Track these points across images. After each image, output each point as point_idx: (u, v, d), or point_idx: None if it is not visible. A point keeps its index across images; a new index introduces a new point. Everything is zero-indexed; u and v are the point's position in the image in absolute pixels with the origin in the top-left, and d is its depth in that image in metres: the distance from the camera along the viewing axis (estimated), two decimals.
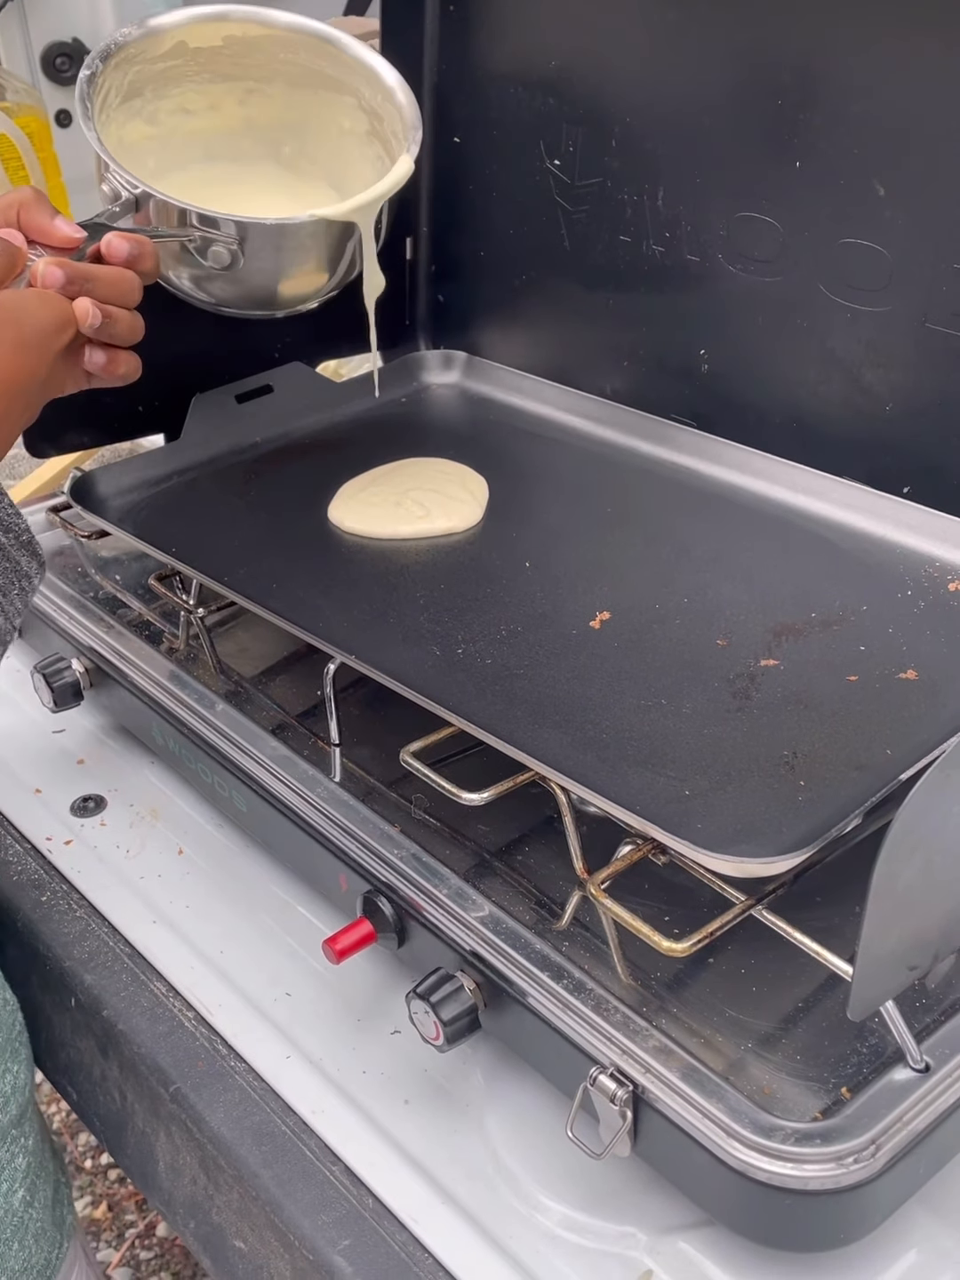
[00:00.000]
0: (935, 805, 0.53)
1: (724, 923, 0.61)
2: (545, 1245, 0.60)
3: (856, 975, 0.54)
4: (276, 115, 0.94)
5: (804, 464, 0.92)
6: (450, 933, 0.66)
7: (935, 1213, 0.60)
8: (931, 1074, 0.57)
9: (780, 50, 0.87)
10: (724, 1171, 0.55)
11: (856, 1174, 0.54)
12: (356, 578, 0.85)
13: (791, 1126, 0.56)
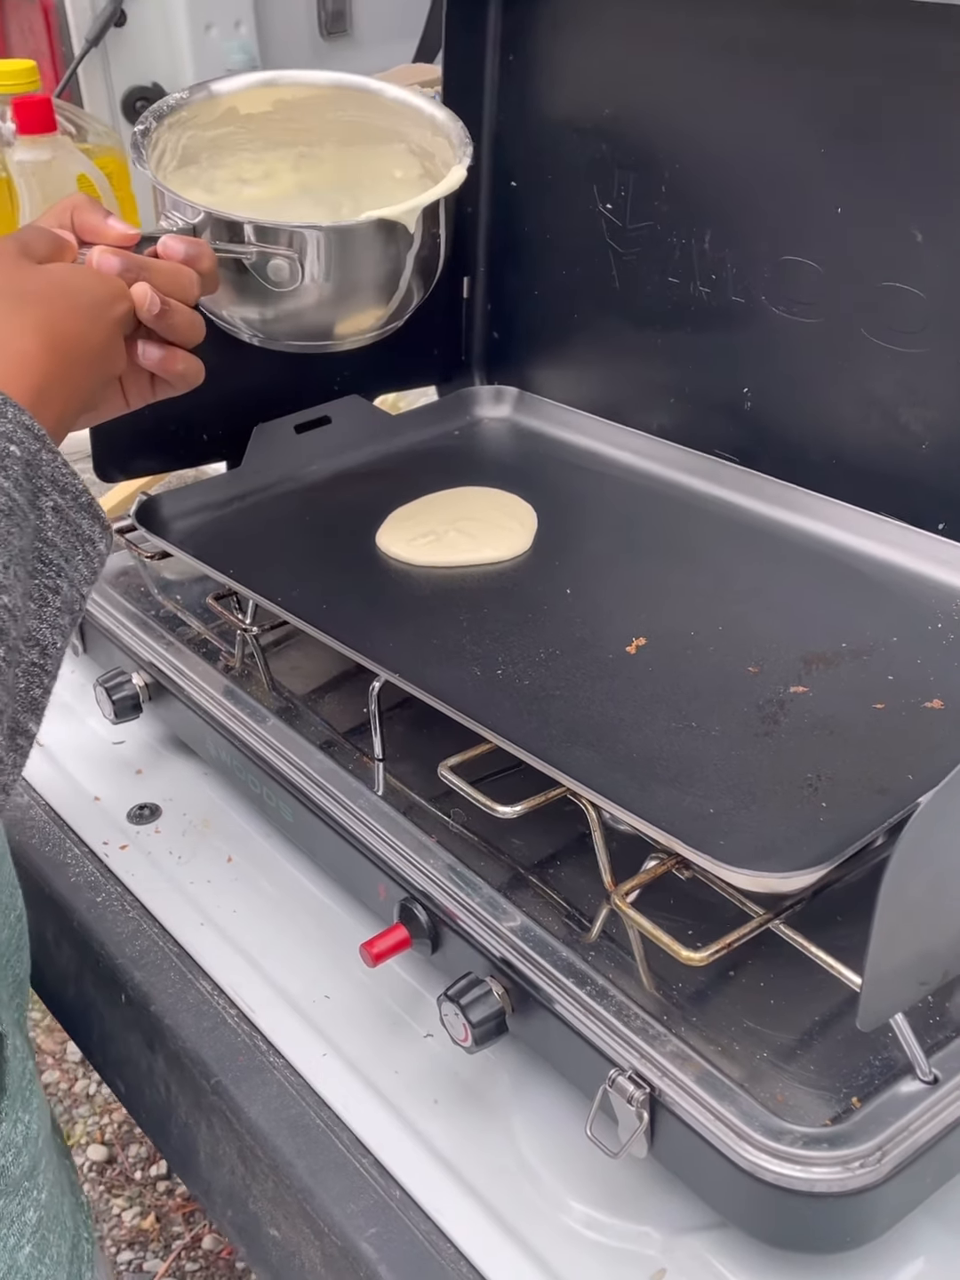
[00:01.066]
0: (943, 823, 0.55)
1: (741, 935, 0.63)
2: (563, 1241, 0.62)
3: (865, 986, 0.56)
4: (330, 177, 0.96)
5: (842, 499, 0.95)
6: (482, 940, 0.69)
7: (943, 1223, 0.62)
8: (940, 1086, 0.59)
9: (824, 102, 0.90)
10: (735, 1173, 0.57)
11: (862, 1178, 0.56)
12: (403, 601, 0.89)
13: (800, 1131, 0.58)
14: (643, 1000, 0.65)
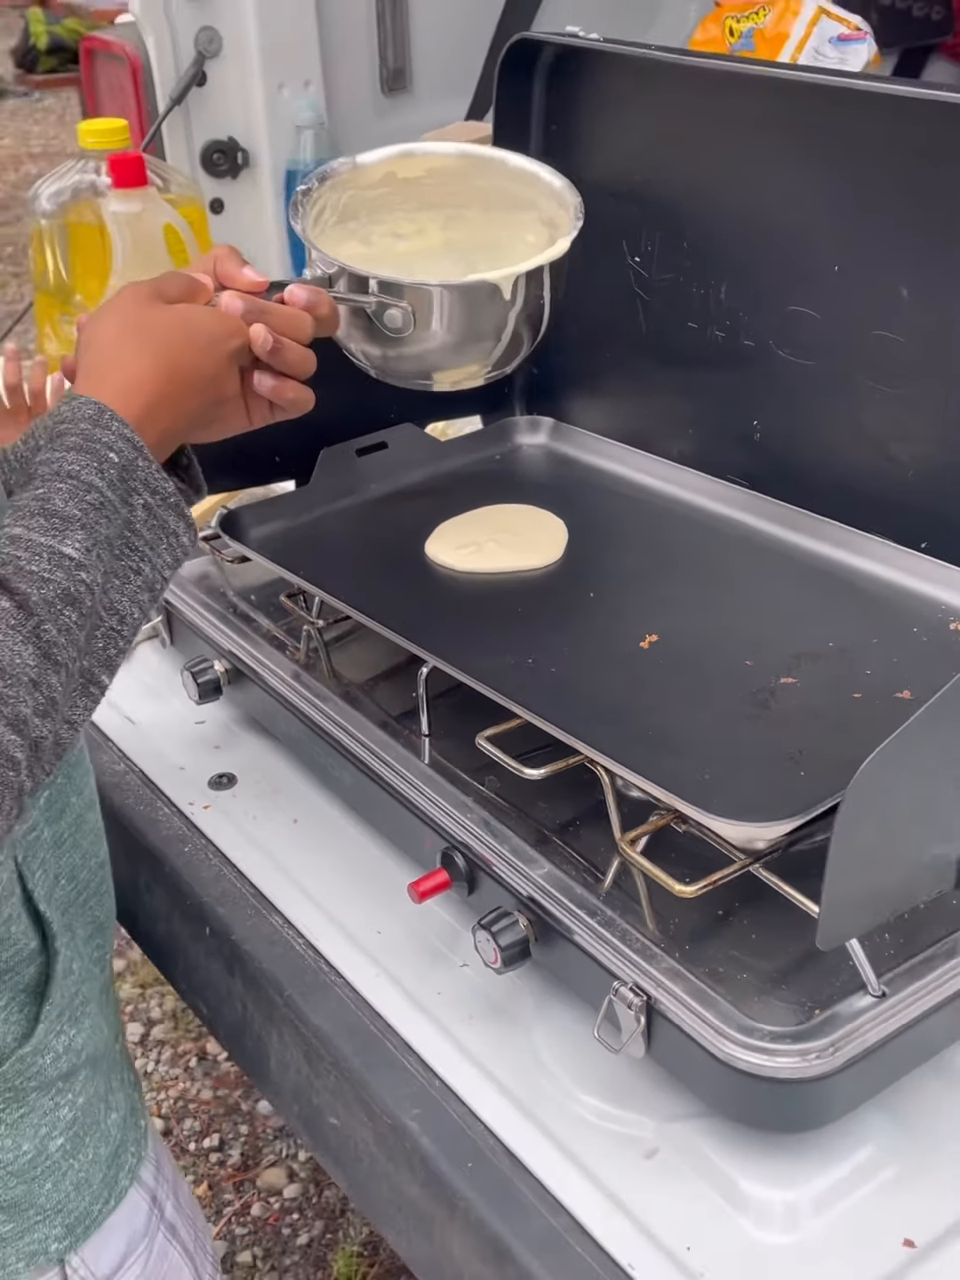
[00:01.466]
0: (887, 774, 0.67)
1: (726, 874, 0.76)
2: (574, 1126, 0.75)
3: (822, 910, 0.69)
4: (473, 236, 1.06)
5: (838, 520, 1.07)
6: (511, 881, 0.82)
7: (891, 1116, 0.74)
8: (886, 999, 0.72)
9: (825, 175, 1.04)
10: (715, 1064, 0.70)
11: (818, 1068, 0.69)
12: (448, 601, 1.03)
13: (769, 1029, 0.70)
14: (643, 930, 0.77)
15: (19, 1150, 0.77)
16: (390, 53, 2.02)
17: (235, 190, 1.90)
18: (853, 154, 1.01)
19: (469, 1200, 0.71)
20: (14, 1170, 0.77)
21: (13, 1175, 0.77)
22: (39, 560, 0.64)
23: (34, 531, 0.65)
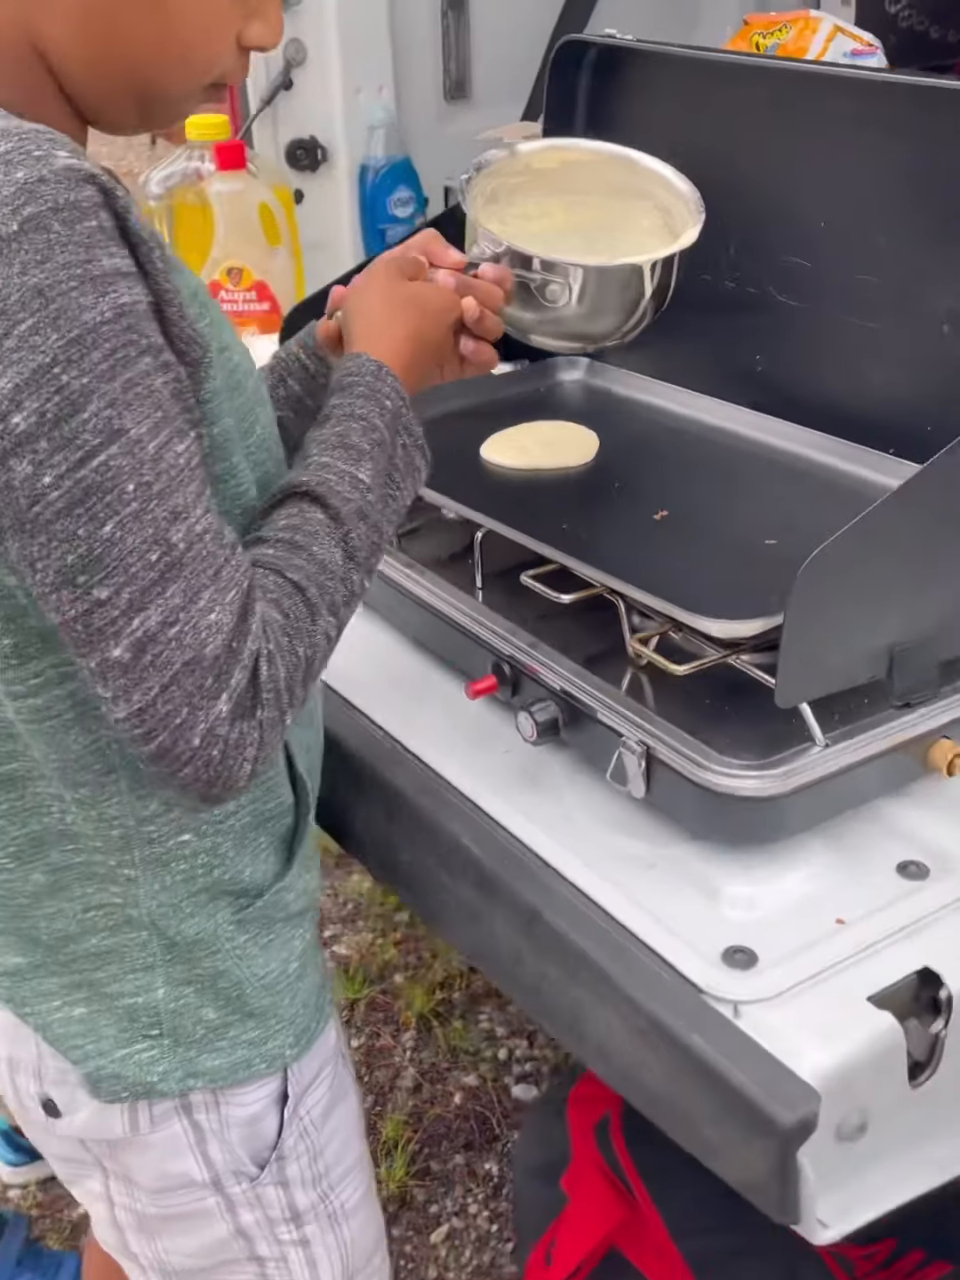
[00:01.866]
0: (826, 572, 0.90)
1: (711, 660, 0.99)
2: (595, 851, 0.97)
3: (779, 675, 0.92)
4: (593, 219, 1.24)
5: (824, 432, 1.30)
6: (546, 679, 1.05)
7: (830, 844, 0.96)
8: (828, 749, 0.94)
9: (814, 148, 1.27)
10: (695, 790, 0.93)
11: (773, 789, 0.92)
12: (499, 490, 1.26)
13: (738, 762, 0.93)
14: (646, 705, 1.00)
15: (268, 968, 0.95)
16: (453, 65, 2.28)
17: (315, 182, 2.15)
18: (838, 131, 1.25)
19: (515, 892, 0.94)
20: (265, 984, 0.95)
21: (264, 989, 0.95)
22: (343, 482, 0.84)
23: (337, 460, 0.85)
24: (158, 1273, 1.04)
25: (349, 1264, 1.07)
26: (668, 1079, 0.83)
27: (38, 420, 0.70)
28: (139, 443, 0.72)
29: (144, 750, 0.75)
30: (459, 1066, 2.16)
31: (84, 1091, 0.95)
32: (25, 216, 0.70)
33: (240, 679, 0.74)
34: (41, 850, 0.90)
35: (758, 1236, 1.48)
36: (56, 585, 0.73)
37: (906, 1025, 0.82)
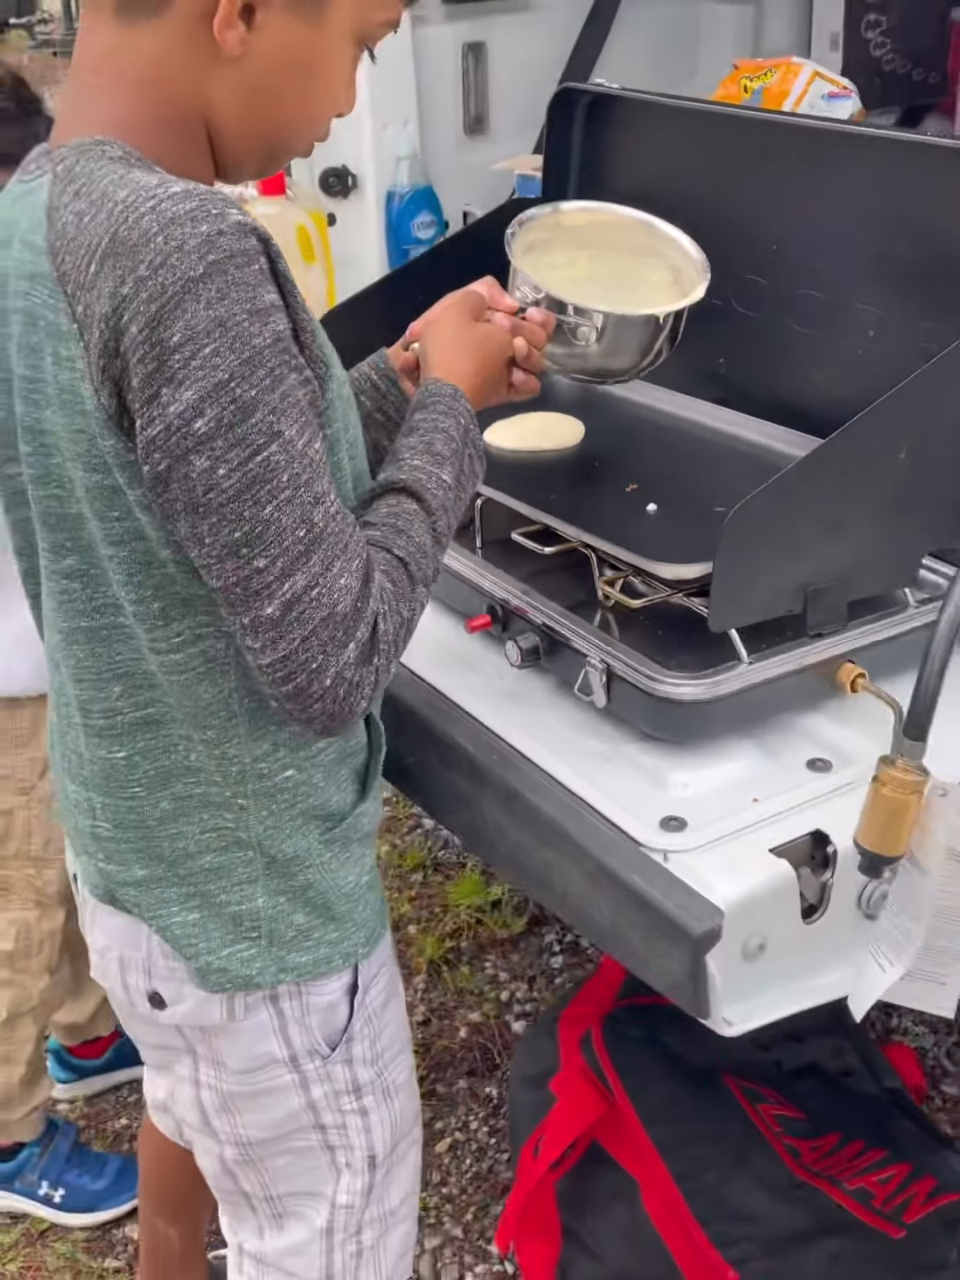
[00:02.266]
0: (751, 520, 1.13)
1: (660, 596, 1.23)
2: (567, 748, 1.20)
3: (711, 603, 1.15)
4: (611, 271, 1.43)
5: (774, 422, 1.53)
6: (530, 616, 1.28)
7: (757, 744, 1.19)
8: (752, 665, 1.17)
9: (771, 180, 1.51)
10: (645, 696, 1.16)
11: (704, 694, 1.15)
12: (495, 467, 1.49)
13: (678, 675, 1.16)
14: (609, 634, 1.24)
15: (347, 880, 1.12)
16: (473, 103, 2.52)
17: (346, 207, 2.39)
18: (788, 169, 1.49)
19: (499, 776, 1.17)
20: (344, 893, 1.12)
21: (344, 897, 1.12)
22: (431, 481, 1.03)
23: (426, 463, 1.04)
24: (234, 1145, 1.23)
25: (397, 1130, 1.28)
26: (613, 912, 1.06)
27: (216, 424, 0.88)
28: (291, 442, 0.90)
29: (283, 690, 0.93)
30: (465, 1005, 2.38)
31: (190, 986, 1.13)
32: (209, 263, 0.87)
33: (364, 632, 0.94)
34: (169, 782, 1.07)
35: (715, 1125, 1.71)
36: (222, 556, 0.91)
37: (800, 872, 1.05)
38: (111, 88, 0.98)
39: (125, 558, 0.98)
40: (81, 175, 0.93)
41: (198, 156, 1.02)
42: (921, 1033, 2.29)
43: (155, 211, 0.87)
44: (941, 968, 0.99)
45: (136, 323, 0.87)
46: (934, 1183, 1.60)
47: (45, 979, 1.93)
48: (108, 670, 1.05)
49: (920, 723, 0.97)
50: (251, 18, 0.96)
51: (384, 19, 1.05)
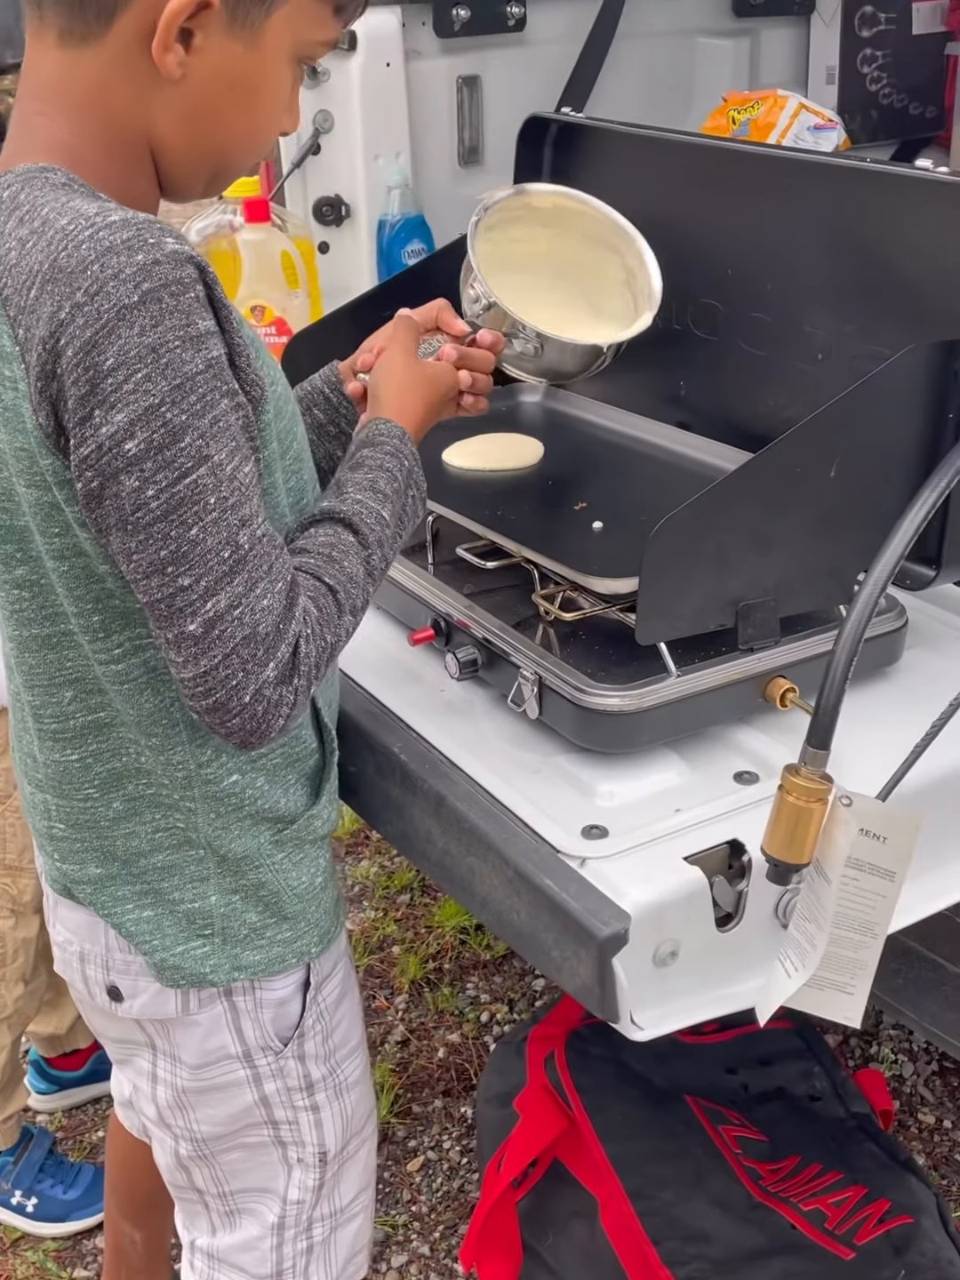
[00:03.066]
0: (675, 534, 1.15)
1: (592, 610, 1.25)
2: (500, 760, 1.22)
3: (638, 617, 1.16)
4: (568, 254, 1.49)
5: (728, 443, 1.55)
6: (473, 630, 1.30)
7: (684, 757, 1.21)
8: (679, 678, 1.19)
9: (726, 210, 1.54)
10: (573, 708, 1.18)
11: (632, 706, 1.16)
12: (453, 486, 1.52)
13: (607, 687, 1.18)
14: (544, 647, 1.25)
15: (299, 880, 1.16)
16: (467, 133, 2.56)
17: (339, 235, 2.43)
18: (741, 196, 1.52)
19: (428, 784, 1.19)
20: (297, 893, 1.16)
21: (296, 897, 1.16)
22: (371, 516, 1.07)
23: (368, 499, 1.08)
24: (188, 1141, 1.27)
25: (349, 1127, 1.30)
26: (529, 916, 1.07)
27: (145, 446, 0.91)
28: (220, 466, 0.93)
29: (202, 704, 0.96)
30: (444, 1025, 2.39)
31: (145, 979, 1.17)
32: (144, 291, 0.89)
33: (285, 653, 0.96)
34: (121, 783, 1.11)
35: (675, 1145, 1.71)
36: (148, 573, 0.93)
37: (714, 880, 1.06)
38: (55, 113, 1.00)
39: (66, 572, 1.02)
40: (25, 202, 0.96)
41: (142, 178, 1.04)
42: (901, 1061, 2.28)
43: (93, 239, 0.90)
44: (848, 977, 1.00)
45: (72, 346, 0.90)
46: (887, 1205, 1.60)
47: (20, 988, 1.95)
48: (59, 675, 1.08)
49: (823, 731, 0.98)
50: (189, 40, 0.98)
51: (322, 38, 1.08)
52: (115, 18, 0.97)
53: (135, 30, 0.98)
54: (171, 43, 0.97)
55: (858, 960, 1.00)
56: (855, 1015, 1.01)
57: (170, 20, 0.96)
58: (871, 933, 0.97)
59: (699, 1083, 1.86)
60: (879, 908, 0.97)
